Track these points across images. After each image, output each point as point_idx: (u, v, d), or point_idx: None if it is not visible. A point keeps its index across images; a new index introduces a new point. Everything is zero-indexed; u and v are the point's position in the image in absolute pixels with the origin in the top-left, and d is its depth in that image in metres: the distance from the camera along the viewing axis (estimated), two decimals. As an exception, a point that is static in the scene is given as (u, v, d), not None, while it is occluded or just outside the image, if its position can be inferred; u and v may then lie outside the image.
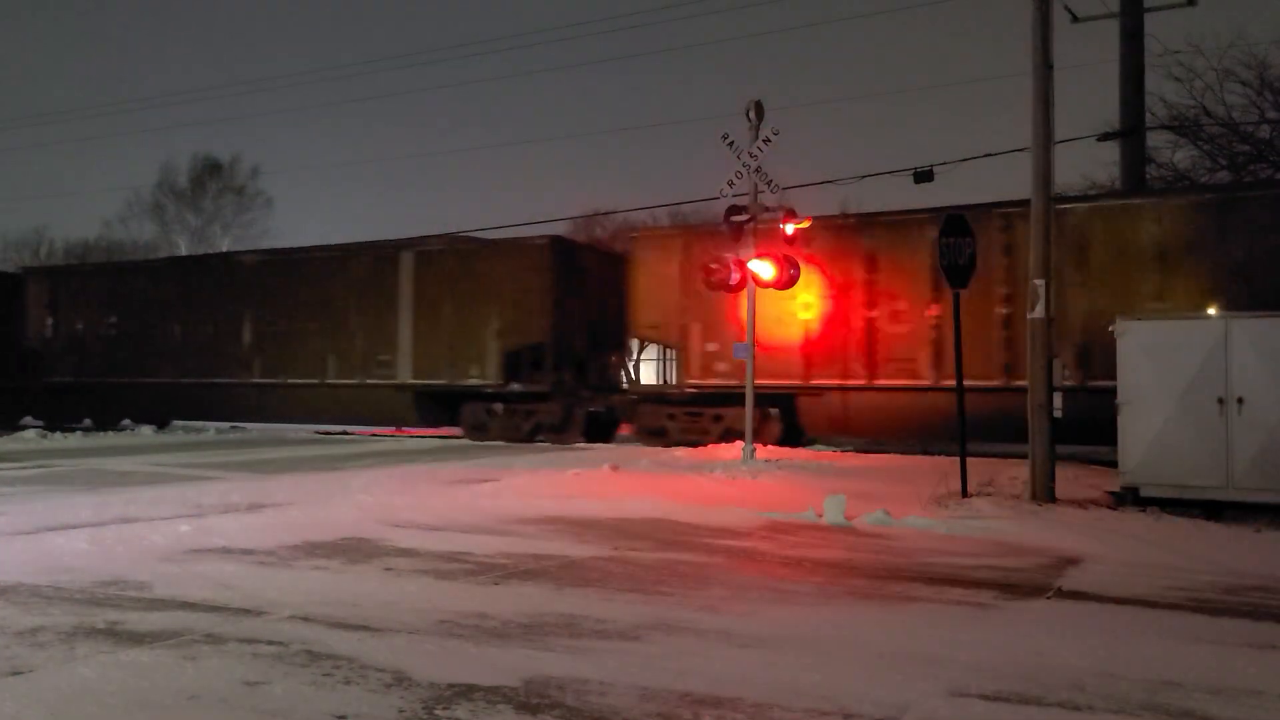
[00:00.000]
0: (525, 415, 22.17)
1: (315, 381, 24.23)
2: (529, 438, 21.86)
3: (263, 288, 25.26)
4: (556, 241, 22.88)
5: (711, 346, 19.82)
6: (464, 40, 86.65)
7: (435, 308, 22.80)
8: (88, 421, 26.30)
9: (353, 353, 23.78)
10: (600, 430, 22.68)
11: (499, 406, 22.37)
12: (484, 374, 22.24)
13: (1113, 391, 11.44)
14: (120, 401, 26.83)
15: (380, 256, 23.92)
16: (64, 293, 28.48)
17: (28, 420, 27.09)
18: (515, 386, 21.95)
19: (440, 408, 23.00)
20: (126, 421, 26.29)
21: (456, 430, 23.38)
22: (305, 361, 24.37)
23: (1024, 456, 11.79)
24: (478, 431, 22.44)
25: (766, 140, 15.54)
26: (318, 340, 24.19)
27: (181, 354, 26.17)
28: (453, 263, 22.88)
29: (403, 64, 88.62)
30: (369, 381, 23.49)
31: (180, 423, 27.02)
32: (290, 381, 24.63)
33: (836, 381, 18.93)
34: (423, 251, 23.35)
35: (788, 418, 19.65)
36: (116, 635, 5.27)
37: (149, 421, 26.18)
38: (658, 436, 20.47)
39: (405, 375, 23.10)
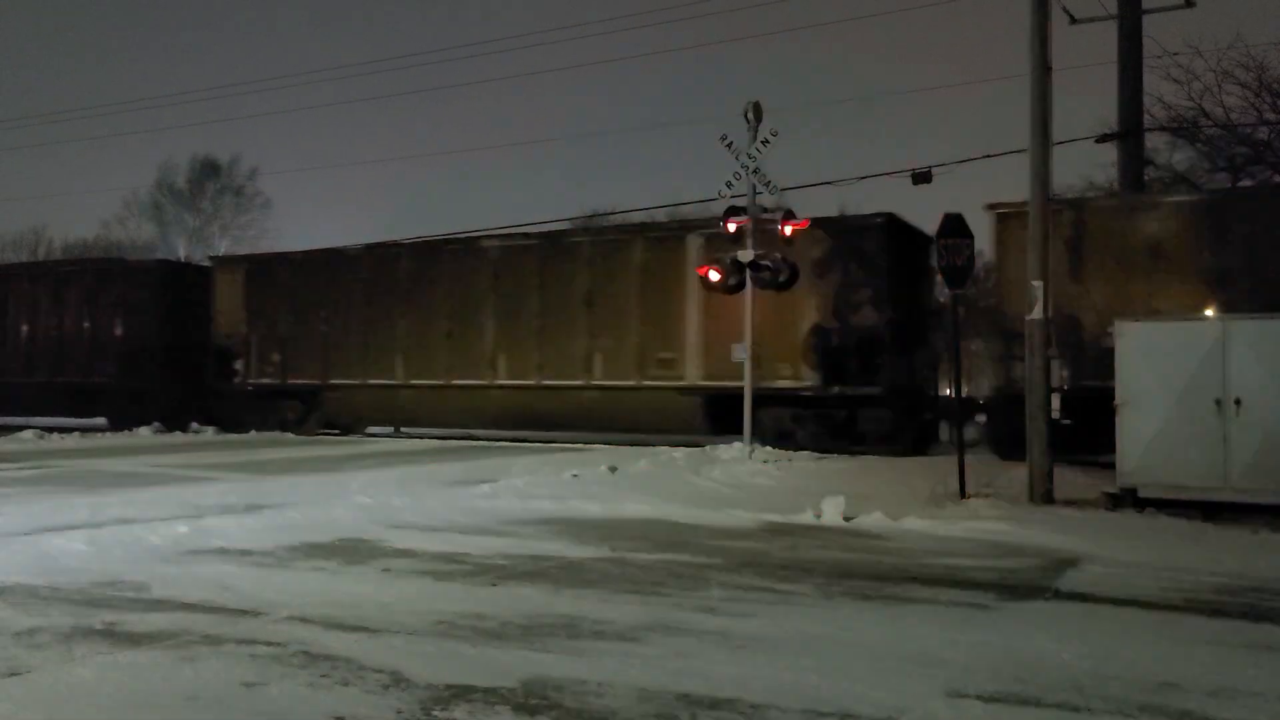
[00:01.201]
0: (846, 423, 18.99)
1: (579, 384, 20.94)
2: (845, 449, 18.55)
3: (510, 276, 22.12)
4: (892, 221, 19.25)
5: None
6: (462, 41, 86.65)
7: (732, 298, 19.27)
8: (281, 432, 23.62)
9: (625, 351, 20.62)
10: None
11: (809, 412, 19.22)
12: (797, 374, 19.06)
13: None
14: (332, 406, 24.07)
15: (660, 240, 21.00)
16: (264, 285, 25.34)
17: (193, 426, 24.86)
18: (839, 389, 18.88)
19: (733, 413, 18.96)
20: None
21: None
22: (565, 361, 21.21)
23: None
24: (782, 441, 18.94)
25: (765, 141, 15.57)
26: (580, 337, 20.98)
27: (407, 353, 23.06)
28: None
29: (401, 65, 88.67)
30: (647, 384, 20.32)
31: (401, 431, 24.18)
32: (545, 384, 21.39)
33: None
34: (716, 234, 19.47)
35: None
36: (114, 636, 5.26)
37: (357, 430, 24.00)
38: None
39: (694, 376, 19.94)
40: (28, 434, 21.68)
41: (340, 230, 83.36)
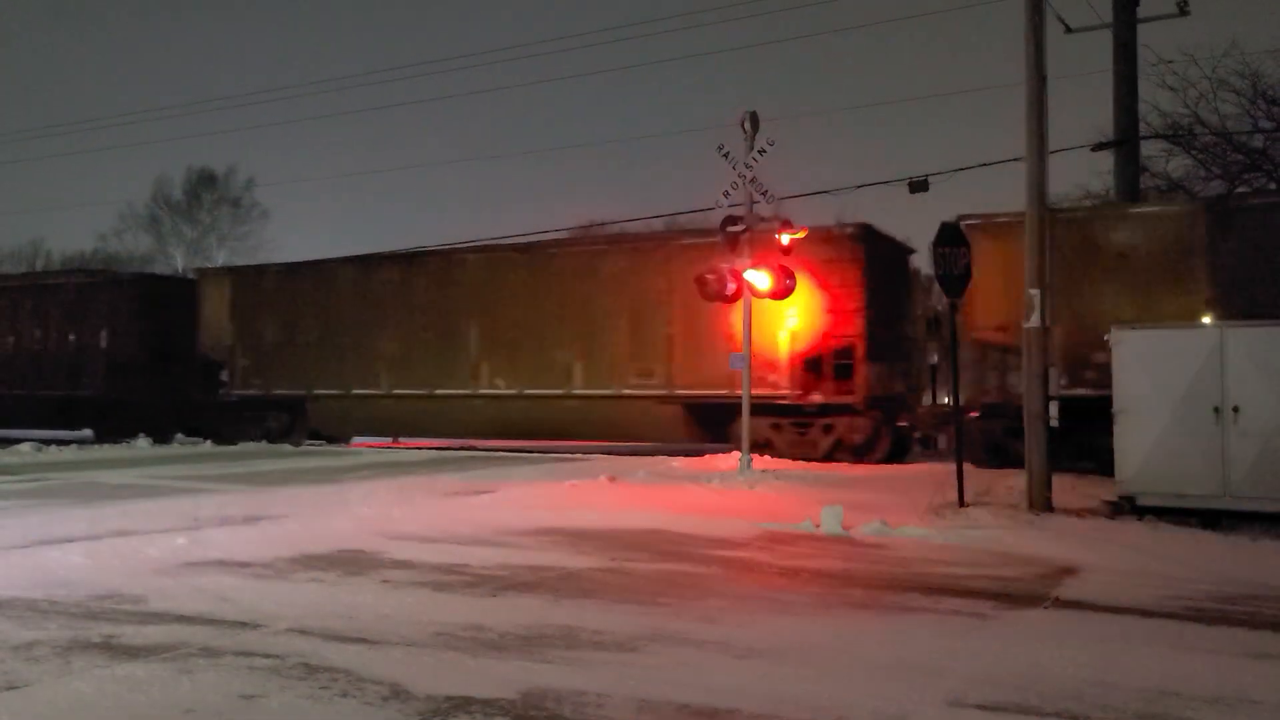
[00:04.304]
0: None
1: None
2: None
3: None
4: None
5: None
6: (459, 53, 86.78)
7: None
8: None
9: None
10: None
11: None
12: None
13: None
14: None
15: None
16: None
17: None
18: None
19: None
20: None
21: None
22: None
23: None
24: None
25: (762, 151, 15.57)
26: None
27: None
28: None
29: (398, 76, 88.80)
30: None
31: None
32: None
33: None
34: None
35: None
36: (112, 649, 5.26)
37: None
38: None
39: None
40: (25, 446, 21.65)
41: (338, 239, 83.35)
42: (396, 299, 22.94)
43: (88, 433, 25.90)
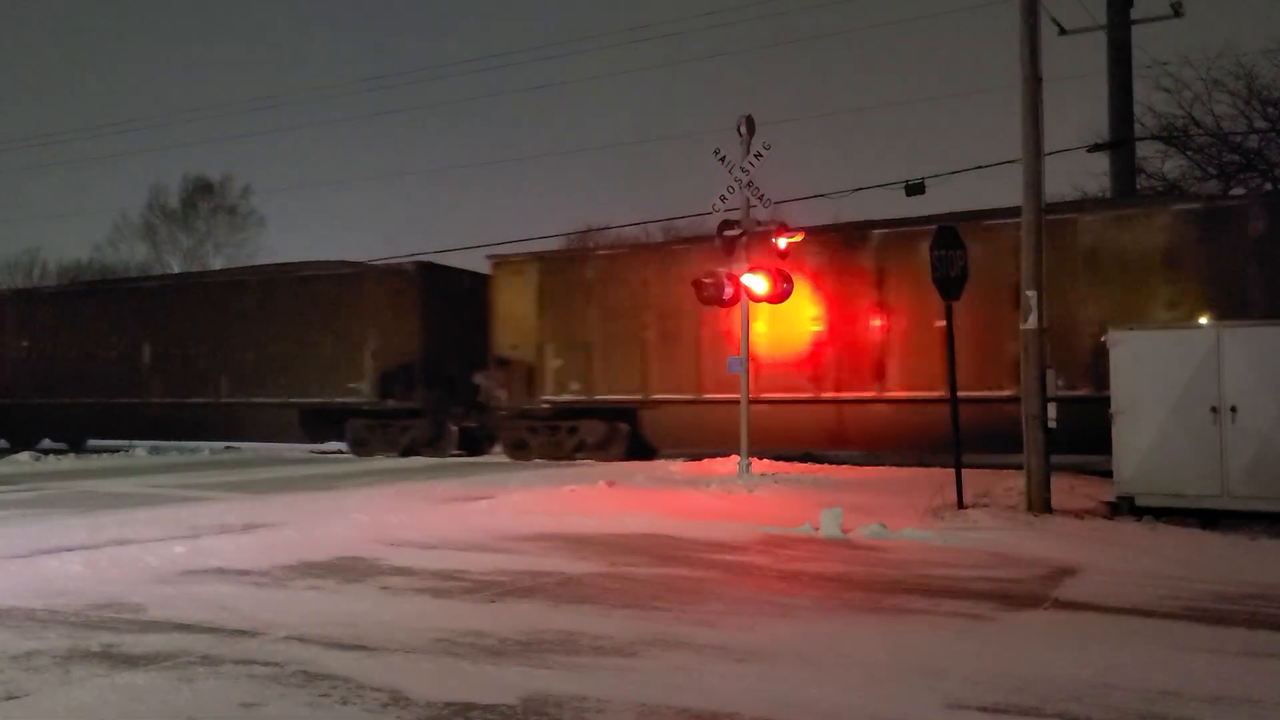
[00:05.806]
0: None
1: None
2: None
3: None
4: None
5: None
6: (454, 58, 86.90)
7: None
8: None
9: None
10: None
11: None
12: None
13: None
14: None
15: None
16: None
17: None
18: None
19: None
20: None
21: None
22: None
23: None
24: None
25: (758, 155, 15.58)
26: None
27: None
28: None
29: (393, 82, 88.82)
30: None
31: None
32: None
33: None
34: None
35: None
36: (112, 658, 5.25)
37: None
38: None
39: None
40: (23, 455, 21.65)
41: (339, 244, 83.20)
42: None
43: (340, 446, 23.36)
